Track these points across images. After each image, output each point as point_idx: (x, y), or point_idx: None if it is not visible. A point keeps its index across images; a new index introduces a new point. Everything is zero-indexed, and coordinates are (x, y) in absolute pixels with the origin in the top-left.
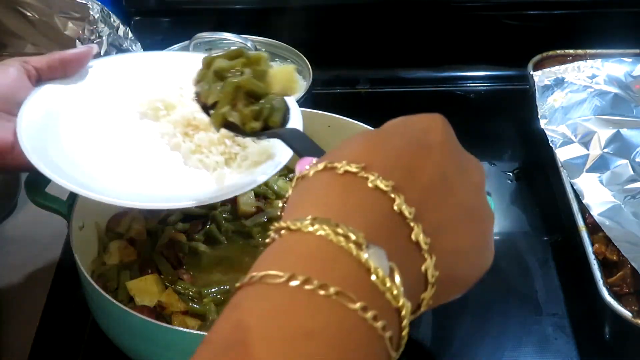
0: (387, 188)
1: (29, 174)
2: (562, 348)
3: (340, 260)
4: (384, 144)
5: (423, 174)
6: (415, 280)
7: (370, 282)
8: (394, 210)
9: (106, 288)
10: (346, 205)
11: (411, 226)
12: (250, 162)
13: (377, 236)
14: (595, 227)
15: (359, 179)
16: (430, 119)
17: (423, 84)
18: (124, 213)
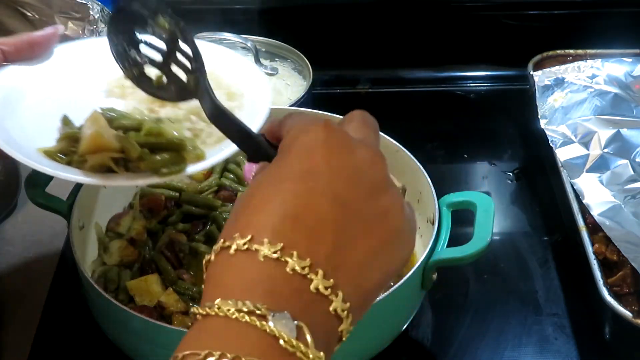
0: (276, 254)
1: (28, 175)
2: (562, 348)
3: (249, 334)
4: (267, 203)
5: (309, 213)
6: (327, 320)
7: (279, 346)
8: (287, 272)
9: (106, 288)
10: (245, 282)
11: (309, 278)
12: (216, 138)
13: (280, 301)
14: (595, 227)
15: (252, 253)
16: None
17: (423, 84)
18: (125, 213)
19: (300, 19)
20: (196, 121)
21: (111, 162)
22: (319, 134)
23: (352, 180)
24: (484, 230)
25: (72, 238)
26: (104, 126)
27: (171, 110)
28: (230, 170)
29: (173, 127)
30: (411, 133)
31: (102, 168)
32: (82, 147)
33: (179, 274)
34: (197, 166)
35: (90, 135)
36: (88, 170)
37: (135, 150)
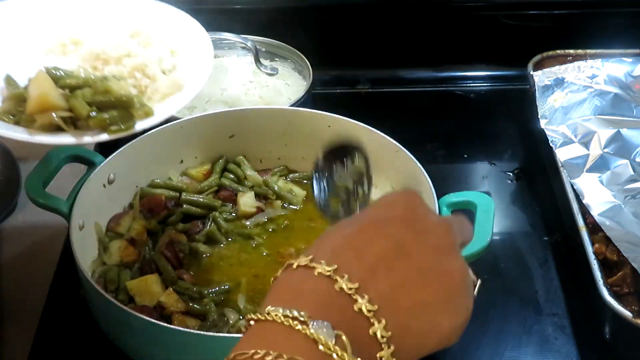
0: (329, 273)
1: (28, 175)
2: (562, 348)
3: (292, 337)
4: (339, 232)
5: (370, 251)
6: (368, 343)
7: (318, 350)
8: (335, 289)
9: (106, 288)
10: (296, 293)
11: (354, 299)
12: (161, 95)
13: (322, 312)
14: (595, 227)
15: (309, 269)
16: (394, 197)
17: (423, 84)
18: (125, 213)
19: (300, 19)
20: (141, 78)
21: (60, 121)
22: (402, 194)
23: (421, 235)
24: (484, 230)
25: (72, 238)
26: (50, 86)
27: (115, 67)
28: (231, 171)
29: (119, 85)
30: (411, 133)
31: (51, 127)
32: (30, 107)
33: (179, 274)
34: (145, 122)
35: (37, 95)
36: (37, 129)
37: (83, 109)
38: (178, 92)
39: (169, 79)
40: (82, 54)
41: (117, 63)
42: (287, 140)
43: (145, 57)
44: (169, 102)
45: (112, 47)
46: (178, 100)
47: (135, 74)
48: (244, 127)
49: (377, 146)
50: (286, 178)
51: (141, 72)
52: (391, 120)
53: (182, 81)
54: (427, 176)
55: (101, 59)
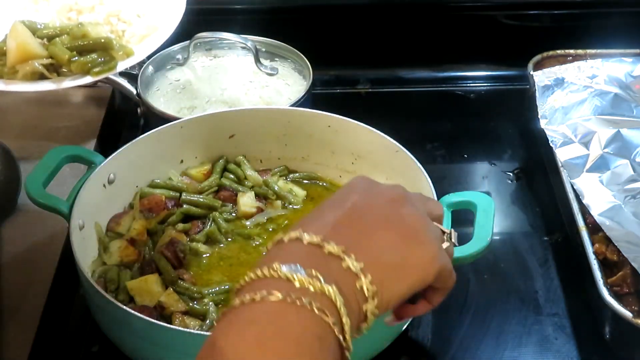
0: (318, 240)
1: (29, 175)
2: (562, 348)
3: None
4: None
5: (329, 215)
6: (354, 296)
7: (295, 287)
8: (324, 253)
9: (106, 288)
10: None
11: (342, 258)
12: (138, 37)
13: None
14: (595, 227)
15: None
16: (353, 180)
17: (423, 84)
18: (125, 213)
19: (300, 19)
20: (117, 23)
21: (43, 68)
22: (355, 180)
23: (375, 196)
24: (484, 230)
25: (72, 238)
26: (28, 35)
27: (90, 15)
28: (231, 171)
29: (96, 29)
30: (411, 133)
31: (34, 76)
32: (11, 58)
33: (179, 273)
34: (127, 62)
35: (16, 45)
36: (20, 79)
37: (64, 54)
38: (154, 32)
39: (143, 22)
40: (55, 8)
41: (91, 12)
42: (287, 141)
43: (118, 3)
44: (147, 42)
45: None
46: (155, 39)
47: (111, 20)
48: (244, 127)
49: (377, 146)
50: (286, 178)
51: (116, 18)
52: (391, 120)
53: (157, 23)
54: (427, 176)
55: (74, 10)
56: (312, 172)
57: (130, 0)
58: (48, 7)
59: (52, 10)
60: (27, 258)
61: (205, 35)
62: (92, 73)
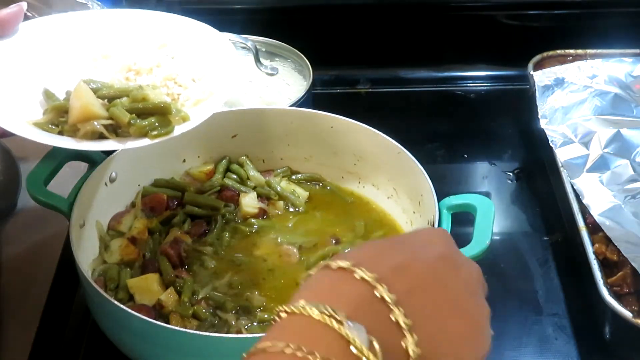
0: (370, 279)
1: (30, 172)
2: (562, 348)
3: (326, 334)
4: (380, 246)
5: (410, 269)
6: (397, 354)
7: (350, 352)
8: (375, 295)
9: (106, 287)
10: (334, 291)
11: (392, 309)
12: (194, 101)
13: (359, 315)
14: (595, 227)
15: (348, 272)
16: (433, 232)
17: (423, 84)
18: (126, 211)
19: (300, 19)
20: (173, 86)
21: (103, 128)
22: (438, 231)
23: (455, 271)
24: (483, 233)
25: (72, 236)
26: (91, 96)
27: (148, 78)
28: (233, 171)
29: (155, 93)
30: (411, 133)
31: (93, 135)
32: (73, 117)
33: (177, 273)
34: (184, 127)
35: (80, 106)
36: (80, 138)
37: (124, 116)
38: (210, 97)
39: (199, 86)
40: (114, 67)
41: (148, 74)
42: (289, 141)
43: (175, 67)
44: (203, 106)
45: (142, 59)
46: (211, 105)
47: (167, 83)
48: (247, 127)
49: (379, 148)
50: (289, 179)
51: (173, 81)
52: (391, 120)
53: (213, 87)
54: (428, 178)
55: (133, 71)
56: (315, 173)
57: (187, 65)
58: (107, 66)
59: (111, 69)
60: (27, 258)
61: None
62: (149, 136)
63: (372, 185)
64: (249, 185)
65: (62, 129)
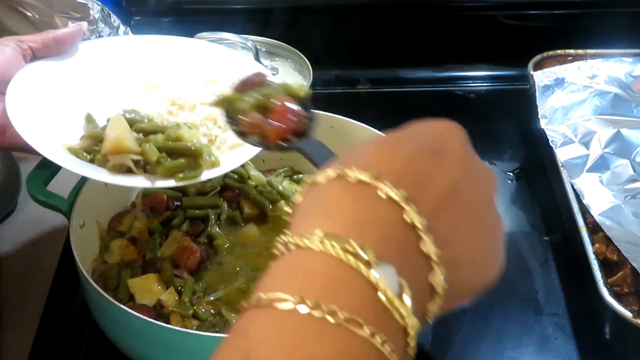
0: (399, 198)
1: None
2: (562, 348)
3: (350, 282)
4: (397, 151)
5: (434, 184)
6: (423, 290)
7: (379, 302)
8: (404, 220)
9: (106, 287)
10: (357, 217)
11: (422, 237)
12: (230, 145)
13: (387, 250)
14: (595, 227)
15: (371, 188)
16: (446, 126)
17: (423, 84)
18: (126, 212)
19: (300, 19)
20: (212, 127)
21: (131, 163)
22: (451, 125)
23: (473, 178)
24: None
25: (72, 236)
26: (126, 129)
27: (189, 114)
28: (234, 170)
29: (190, 133)
30: None
31: (122, 168)
32: (105, 148)
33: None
34: (211, 172)
35: (113, 137)
36: (109, 169)
37: (153, 154)
38: (244, 144)
39: None
40: (160, 98)
41: (191, 110)
42: None
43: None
44: (236, 153)
45: (188, 94)
46: (245, 152)
47: (207, 122)
48: None
49: None
50: (291, 179)
51: (213, 122)
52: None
53: None
54: None
55: (177, 105)
56: None
57: None
58: (155, 96)
59: (157, 100)
60: (27, 258)
61: (205, 35)
62: (176, 178)
63: None
64: (250, 184)
65: (93, 157)
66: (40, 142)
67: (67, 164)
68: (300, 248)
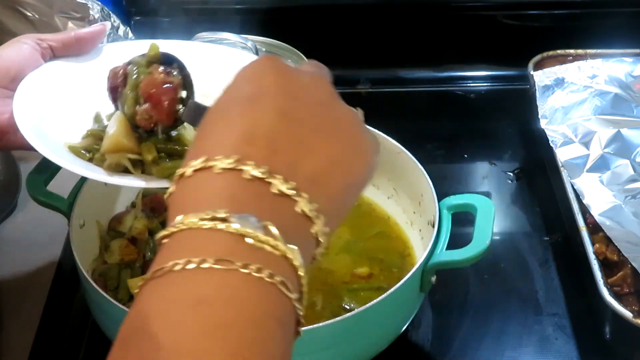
0: (232, 164)
1: (30, 172)
2: (562, 348)
3: (214, 238)
4: (216, 127)
5: (260, 126)
6: (299, 222)
7: (247, 244)
8: (245, 178)
9: (106, 287)
10: (204, 196)
11: (269, 182)
12: None
13: (242, 207)
14: (595, 227)
15: (207, 170)
16: (253, 67)
17: (423, 84)
18: (126, 212)
19: (300, 19)
20: None
21: (128, 162)
22: (263, 61)
23: (299, 97)
24: (483, 233)
25: (72, 236)
26: (124, 128)
27: None
28: None
29: (192, 135)
30: (411, 133)
31: (119, 167)
32: (103, 146)
33: None
34: None
35: (111, 135)
36: (106, 168)
37: (150, 154)
38: None
39: None
40: None
41: None
42: None
43: None
44: None
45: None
46: None
47: None
48: None
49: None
50: None
51: None
52: (391, 120)
53: None
54: (428, 179)
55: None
56: None
57: None
58: None
59: None
60: (27, 258)
61: (205, 35)
62: (170, 179)
63: (372, 185)
64: None
65: (92, 156)
66: (41, 141)
67: (64, 162)
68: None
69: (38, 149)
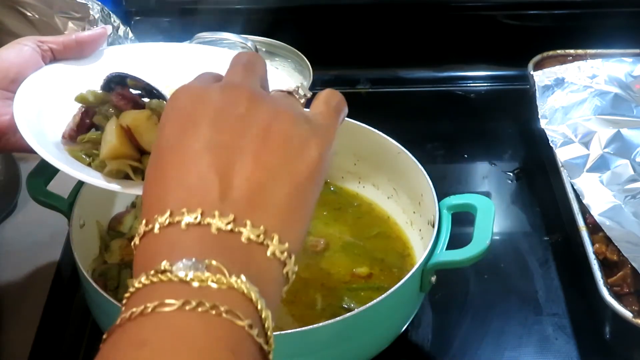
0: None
1: (30, 172)
2: (562, 348)
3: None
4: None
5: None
6: (270, 265)
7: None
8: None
9: (106, 287)
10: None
11: (240, 231)
12: None
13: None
14: (595, 227)
15: (175, 225)
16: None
17: (423, 84)
18: (127, 212)
19: (300, 19)
20: None
21: (129, 169)
22: (170, 103)
23: (216, 123)
24: (483, 233)
25: (72, 236)
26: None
27: None
28: None
29: None
30: (411, 133)
31: (119, 174)
32: (103, 152)
33: None
34: None
35: (108, 141)
36: (106, 174)
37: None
38: None
39: None
40: None
41: None
42: None
43: None
44: None
45: None
46: None
47: None
48: None
49: (379, 148)
50: None
51: None
52: (391, 121)
53: None
54: (428, 179)
55: None
56: None
57: None
58: None
59: None
60: (27, 258)
61: (205, 35)
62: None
63: (372, 185)
64: None
65: (92, 161)
66: (41, 144)
67: (64, 167)
68: (127, 298)
69: (38, 152)
